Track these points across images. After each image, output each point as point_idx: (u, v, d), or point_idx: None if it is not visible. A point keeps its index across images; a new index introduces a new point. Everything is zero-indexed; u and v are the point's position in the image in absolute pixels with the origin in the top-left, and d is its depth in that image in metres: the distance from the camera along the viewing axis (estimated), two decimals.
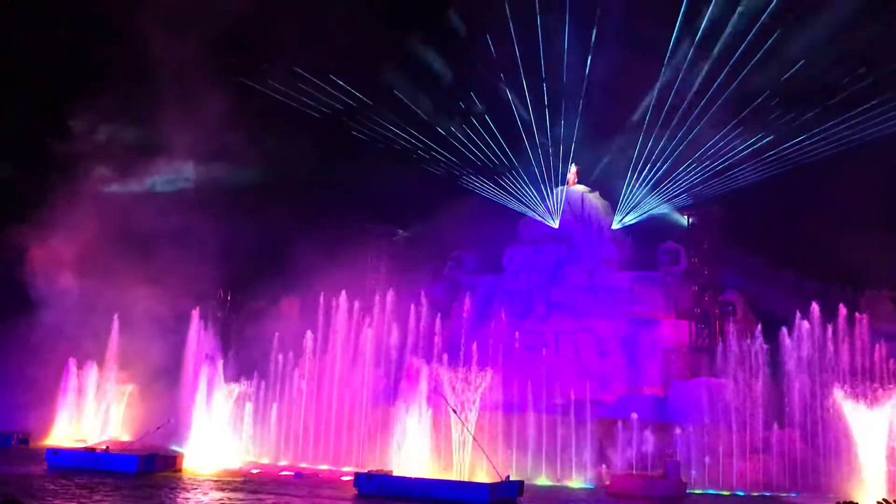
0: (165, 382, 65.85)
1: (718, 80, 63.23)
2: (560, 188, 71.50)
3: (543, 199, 70.58)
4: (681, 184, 65.87)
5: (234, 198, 72.98)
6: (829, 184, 62.61)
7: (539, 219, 70.65)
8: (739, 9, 60.50)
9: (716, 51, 62.92)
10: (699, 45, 63.58)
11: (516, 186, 70.43)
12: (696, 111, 64.24)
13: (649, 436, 51.97)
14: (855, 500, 32.72)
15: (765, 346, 54.32)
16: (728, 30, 61.83)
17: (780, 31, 60.58)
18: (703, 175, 65.09)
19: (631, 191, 67.99)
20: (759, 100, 62.60)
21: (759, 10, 60.82)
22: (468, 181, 72.03)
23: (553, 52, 67.62)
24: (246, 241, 71.19)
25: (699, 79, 64.10)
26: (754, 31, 61.27)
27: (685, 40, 64.02)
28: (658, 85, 65.60)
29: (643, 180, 67.13)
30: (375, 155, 74.33)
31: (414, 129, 70.97)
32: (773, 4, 59.93)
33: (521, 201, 70.54)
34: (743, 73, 62.48)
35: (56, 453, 50.22)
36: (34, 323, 67.37)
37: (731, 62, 62.68)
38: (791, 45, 61.05)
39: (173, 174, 78.45)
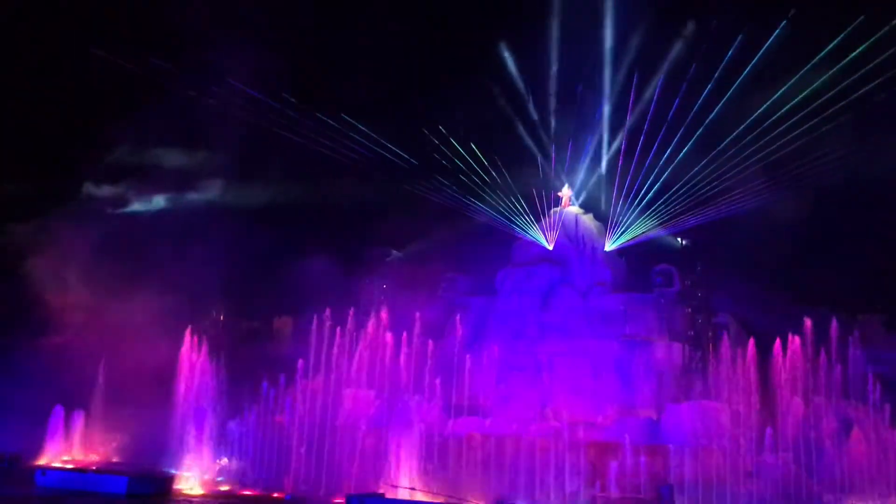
0: (157, 404, 65.49)
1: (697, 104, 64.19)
2: (554, 210, 71.79)
3: (537, 221, 70.80)
4: (674, 207, 66.19)
5: (229, 219, 73.30)
6: (822, 207, 63.07)
7: (533, 239, 70.79)
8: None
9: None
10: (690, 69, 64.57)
11: (511, 208, 70.72)
12: (681, 133, 64.97)
13: (642, 458, 51.74)
14: None
15: (757, 369, 54.25)
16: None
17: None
18: (696, 198, 65.44)
19: (623, 213, 68.31)
20: (749, 122, 63.26)
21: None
22: (462, 202, 72.36)
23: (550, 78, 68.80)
24: (240, 262, 71.33)
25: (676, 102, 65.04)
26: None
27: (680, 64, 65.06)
28: (647, 109, 66.52)
29: (636, 203, 67.50)
30: (369, 177, 75.01)
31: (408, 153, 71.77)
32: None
33: (514, 223, 70.75)
34: (724, 99, 63.47)
35: (45, 474, 49.77)
36: (28, 344, 67.08)
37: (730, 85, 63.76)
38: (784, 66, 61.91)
39: (174, 196, 79.10)
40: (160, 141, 76.31)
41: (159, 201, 78.77)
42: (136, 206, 78.25)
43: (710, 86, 64.00)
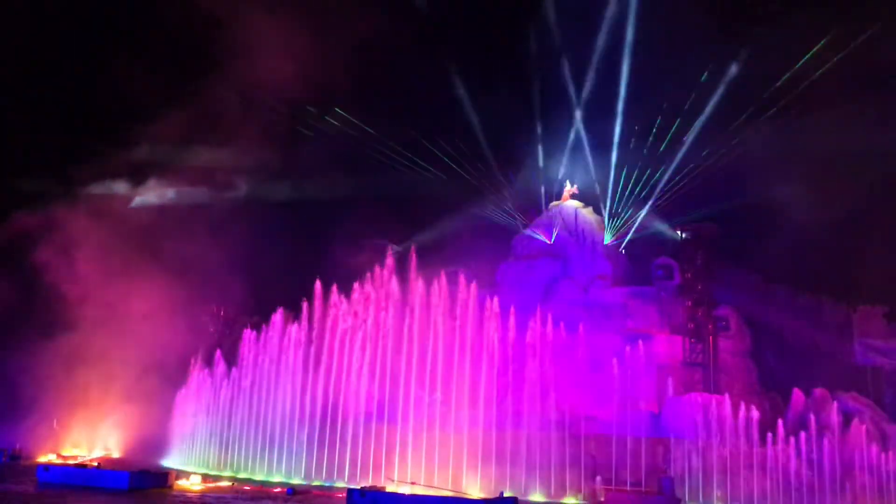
0: (157, 391, 65.98)
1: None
2: (553, 204, 71.78)
3: (538, 215, 70.73)
4: (674, 200, 66.19)
5: (227, 214, 73.37)
6: (823, 199, 62.87)
7: (533, 233, 70.83)
8: None
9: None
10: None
11: (511, 202, 70.80)
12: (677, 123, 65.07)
13: (643, 451, 51.83)
14: None
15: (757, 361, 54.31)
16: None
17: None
18: (696, 190, 65.39)
19: (624, 207, 68.30)
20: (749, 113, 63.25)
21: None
22: (463, 196, 72.40)
23: (550, 71, 68.83)
24: (240, 257, 71.37)
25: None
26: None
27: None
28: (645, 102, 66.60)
29: (636, 196, 67.50)
30: (372, 172, 75.16)
31: (408, 149, 71.91)
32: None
33: (515, 217, 70.74)
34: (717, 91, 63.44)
35: (47, 469, 49.94)
36: (32, 340, 67.25)
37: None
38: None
39: (173, 194, 79.27)
40: (181, 138, 76.43)
41: (172, 196, 79.04)
42: (150, 201, 78.58)
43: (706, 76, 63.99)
